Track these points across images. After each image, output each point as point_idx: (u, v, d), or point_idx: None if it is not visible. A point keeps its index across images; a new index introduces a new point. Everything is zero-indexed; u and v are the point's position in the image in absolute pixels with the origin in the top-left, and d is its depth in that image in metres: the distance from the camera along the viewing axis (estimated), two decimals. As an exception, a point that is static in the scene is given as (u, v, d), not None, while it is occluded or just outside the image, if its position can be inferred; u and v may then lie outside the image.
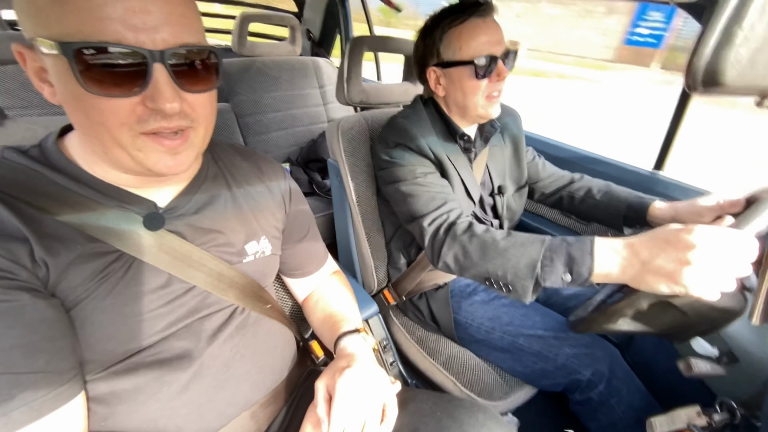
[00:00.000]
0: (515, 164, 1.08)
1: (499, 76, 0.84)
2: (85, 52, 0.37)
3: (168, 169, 0.45)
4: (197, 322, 0.55)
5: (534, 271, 0.66)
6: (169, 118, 0.42)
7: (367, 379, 0.56)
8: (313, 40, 2.44)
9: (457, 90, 0.87)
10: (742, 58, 0.31)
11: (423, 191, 0.85)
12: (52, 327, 0.43)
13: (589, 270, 0.61)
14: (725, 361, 0.62)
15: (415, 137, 0.88)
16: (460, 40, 0.82)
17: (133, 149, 0.43)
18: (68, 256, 0.44)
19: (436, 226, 0.80)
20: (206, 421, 0.56)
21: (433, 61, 0.88)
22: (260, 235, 0.63)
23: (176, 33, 0.40)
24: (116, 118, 0.40)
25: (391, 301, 1.11)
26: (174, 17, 0.40)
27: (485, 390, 0.91)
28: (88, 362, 0.47)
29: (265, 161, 0.68)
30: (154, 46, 0.39)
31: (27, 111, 1.27)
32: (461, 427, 0.58)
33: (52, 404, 0.42)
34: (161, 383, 0.51)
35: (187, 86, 0.43)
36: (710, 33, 0.31)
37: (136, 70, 0.39)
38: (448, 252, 0.77)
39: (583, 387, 0.83)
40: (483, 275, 0.72)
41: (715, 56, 0.31)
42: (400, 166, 0.88)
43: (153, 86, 0.40)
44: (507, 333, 0.92)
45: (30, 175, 0.46)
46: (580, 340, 0.85)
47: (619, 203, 0.96)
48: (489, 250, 0.72)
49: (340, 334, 0.67)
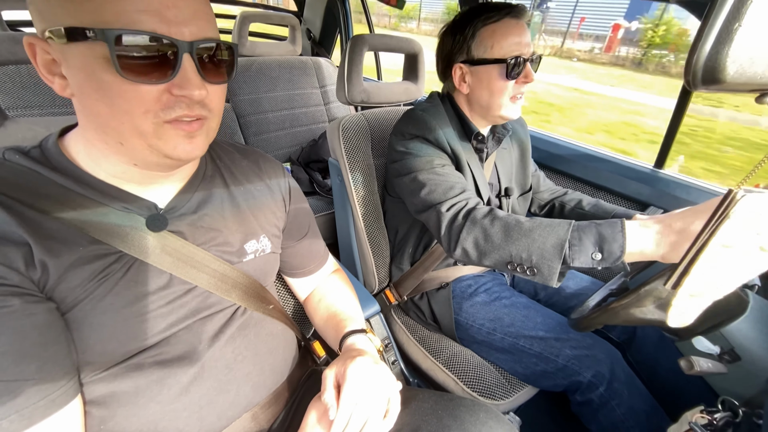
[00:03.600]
0: (521, 169, 1.09)
1: (527, 77, 0.84)
2: (123, 40, 0.39)
3: (186, 154, 0.46)
4: (198, 323, 0.55)
5: (562, 251, 0.63)
6: (192, 106, 0.44)
7: (376, 371, 0.56)
8: (313, 39, 2.44)
9: (484, 89, 0.87)
10: (741, 54, 0.31)
11: (442, 180, 0.84)
12: (44, 333, 0.42)
13: (621, 248, 0.60)
14: (727, 359, 0.62)
15: (434, 129, 0.88)
16: (493, 38, 0.83)
17: (154, 138, 0.44)
18: (69, 257, 0.44)
19: (455, 211, 0.78)
20: (207, 423, 0.56)
21: (461, 58, 0.88)
22: (260, 234, 0.62)
23: (202, 27, 0.43)
24: (143, 105, 0.42)
25: (393, 300, 1.11)
26: (200, 13, 0.43)
27: (487, 389, 0.91)
28: (87, 364, 0.47)
29: (264, 159, 0.68)
30: (183, 38, 0.41)
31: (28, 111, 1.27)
32: (462, 425, 0.58)
33: (44, 411, 0.41)
34: (161, 385, 0.51)
35: (208, 77, 0.45)
36: (710, 30, 0.31)
37: (166, 59, 0.41)
38: (468, 237, 0.74)
39: (583, 388, 0.82)
40: (505, 259, 0.69)
41: (714, 53, 0.31)
42: (418, 156, 0.87)
43: (181, 75, 0.42)
44: (508, 334, 0.92)
45: (31, 176, 0.46)
46: (581, 342, 0.85)
47: (605, 214, 0.99)
48: (513, 232, 0.69)
49: (346, 333, 0.67)
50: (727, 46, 0.31)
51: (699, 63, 0.31)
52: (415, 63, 1.20)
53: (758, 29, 0.30)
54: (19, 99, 1.24)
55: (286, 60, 2.01)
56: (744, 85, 0.33)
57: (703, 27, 0.31)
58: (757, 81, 0.33)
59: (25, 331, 0.41)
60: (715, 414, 0.57)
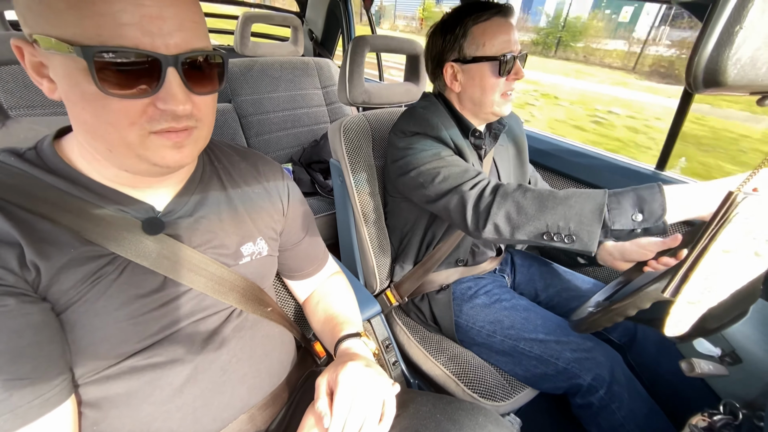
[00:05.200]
0: (518, 165, 1.09)
1: (517, 74, 0.86)
2: (104, 56, 0.38)
3: (174, 162, 0.46)
4: (192, 325, 0.55)
5: (602, 215, 0.63)
6: (178, 119, 0.43)
7: (368, 375, 0.56)
8: (315, 40, 2.45)
9: (476, 86, 0.88)
10: (743, 56, 0.31)
11: (454, 165, 0.83)
12: (40, 332, 0.42)
13: (662, 206, 0.61)
14: (728, 361, 0.62)
15: (436, 126, 0.88)
16: (484, 36, 0.84)
17: (140, 148, 0.43)
18: (60, 259, 0.44)
19: (480, 188, 0.76)
20: (202, 425, 0.56)
21: (452, 57, 0.89)
22: (256, 237, 0.62)
23: (188, 38, 0.42)
24: (127, 118, 0.41)
25: (393, 301, 1.11)
26: (186, 23, 0.41)
27: (488, 391, 0.91)
28: (80, 366, 0.47)
29: (263, 161, 0.68)
30: (168, 51, 0.40)
31: (30, 111, 1.27)
32: (461, 429, 0.57)
33: (38, 411, 0.42)
34: (154, 387, 0.51)
35: (195, 88, 0.44)
36: (711, 32, 0.31)
37: (150, 73, 0.40)
38: (499, 211, 0.72)
39: (583, 391, 0.82)
40: (541, 230, 0.68)
41: (716, 55, 0.31)
42: (422, 150, 0.86)
43: (165, 89, 0.41)
44: (508, 337, 0.91)
45: (25, 177, 0.46)
46: (581, 345, 0.85)
47: None
48: (548, 201, 0.68)
49: (341, 337, 0.67)
50: (729, 49, 0.31)
51: (700, 65, 0.31)
52: (416, 64, 1.20)
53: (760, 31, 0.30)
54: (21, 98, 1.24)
55: (288, 60, 2.01)
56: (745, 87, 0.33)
57: (704, 29, 0.31)
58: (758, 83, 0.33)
59: (20, 330, 0.41)
60: (715, 416, 0.57)
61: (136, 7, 0.38)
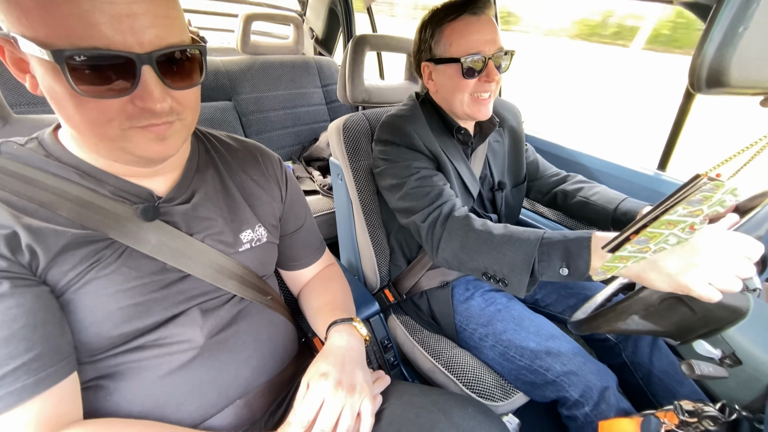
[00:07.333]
0: (514, 159, 1.08)
1: (488, 77, 0.82)
2: (76, 58, 0.37)
3: (157, 154, 0.46)
4: (197, 308, 0.56)
5: (530, 266, 0.66)
6: (158, 116, 0.43)
7: (333, 375, 0.55)
8: (315, 38, 2.44)
9: (446, 87, 0.87)
10: (746, 57, 0.30)
11: (416, 187, 0.84)
12: (34, 315, 0.43)
13: (586, 264, 0.61)
14: (728, 363, 0.62)
15: (408, 134, 0.88)
16: (452, 36, 0.82)
17: (122, 141, 0.44)
18: (58, 242, 0.45)
19: (432, 220, 0.80)
20: (207, 399, 0.57)
21: (426, 56, 0.88)
22: (255, 223, 0.63)
23: (162, 35, 0.41)
24: (105, 116, 0.41)
25: (392, 299, 1.11)
26: (159, 20, 0.40)
27: (486, 390, 0.90)
28: (85, 344, 0.48)
29: (260, 150, 0.69)
30: (141, 49, 0.39)
31: (33, 108, 1.27)
32: (451, 419, 0.58)
33: (33, 389, 0.42)
34: (162, 362, 0.53)
35: (174, 84, 0.44)
36: (715, 32, 0.30)
37: (125, 72, 0.40)
38: (446, 247, 0.77)
39: (570, 405, 0.81)
40: (481, 269, 0.72)
41: (719, 56, 0.31)
42: (394, 162, 0.88)
43: (142, 87, 0.41)
44: (499, 342, 0.90)
45: (26, 163, 0.47)
46: (572, 359, 0.82)
47: (609, 204, 0.96)
48: (484, 246, 0.72)
49: (331, 323, 0.67)
50: (732, 49, 0.30)
51: (703, 66, 0.31)
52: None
53: (764, 32, 0.30)
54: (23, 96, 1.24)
55: (289, 59, 2.01)
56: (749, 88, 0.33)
57: (708, 29, 0.31)
58: (762, 84, 0.33)
59: (14, 313, 0.42)
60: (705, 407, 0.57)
61: (106, 5, 0.37)
